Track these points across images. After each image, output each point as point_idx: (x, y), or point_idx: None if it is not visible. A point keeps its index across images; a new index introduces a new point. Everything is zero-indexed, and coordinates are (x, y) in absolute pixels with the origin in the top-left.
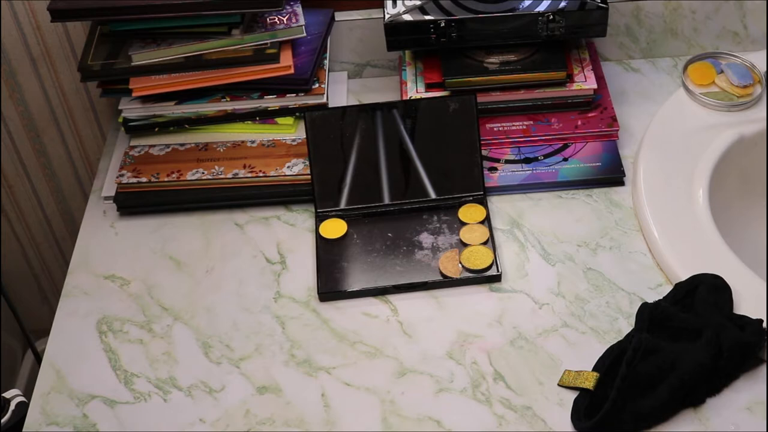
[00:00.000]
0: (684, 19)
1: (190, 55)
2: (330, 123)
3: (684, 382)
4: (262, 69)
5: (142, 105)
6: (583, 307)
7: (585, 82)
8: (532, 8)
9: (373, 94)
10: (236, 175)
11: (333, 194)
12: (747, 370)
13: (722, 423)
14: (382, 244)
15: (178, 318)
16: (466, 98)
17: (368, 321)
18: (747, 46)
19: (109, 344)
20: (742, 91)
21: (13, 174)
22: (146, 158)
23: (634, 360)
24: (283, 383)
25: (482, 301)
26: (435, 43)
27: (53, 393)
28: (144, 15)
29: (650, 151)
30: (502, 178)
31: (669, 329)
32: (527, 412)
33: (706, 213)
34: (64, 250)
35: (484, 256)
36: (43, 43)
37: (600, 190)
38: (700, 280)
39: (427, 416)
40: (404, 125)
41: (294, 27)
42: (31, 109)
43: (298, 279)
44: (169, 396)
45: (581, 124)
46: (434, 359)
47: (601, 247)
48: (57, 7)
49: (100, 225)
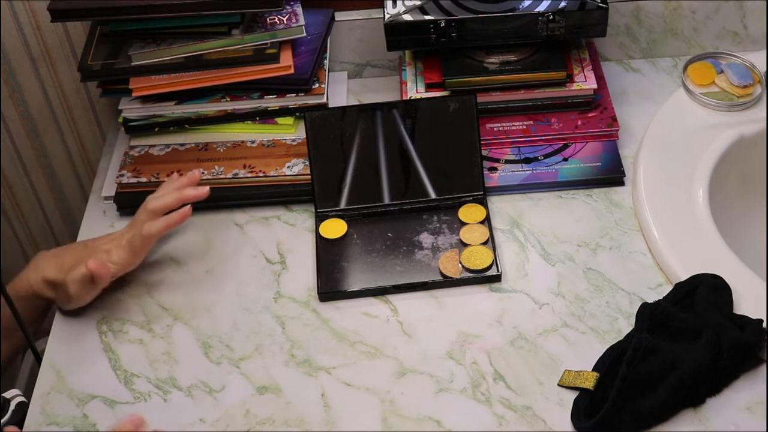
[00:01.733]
0: (684, 19)
1: (190, 55)
2: (330, 123)
3: (684, 382)
4: (262, 69)
5: (142, 105)
6: (583, 307)
7: (585, 82)
8: (532, 8)
9: (373, 94)
10: (236, 175)
11: (333, 194)
12: (747, 370)
13: (722, 423)
14: (382, 244)
15: (178, 318)
16: (466, 98)
17: (368, 321)
18: (747, 46)
19: (109, 344)
20: (742, 91)
21: (13, 174)
22: (146, 158)
23: (634, 360)
24: (283, 383)
25: (482, 301)
26: (435, 43)
27: (53, 393)
28: (144, 15)
29: (650, 151)
30: (502, 178)
31: (669, 329)
32: (527, 412)
33: (706, 213)
34: None
35: (484, 256)
36: (43, 43)
37: (600, 190)
38: (700, 280)
39: (427, 416)
40: (404, 125)
41: (294, 27)
42: (31, 109)
43: (298, 279)
44: (169, 396)
45: (581, 124)
46: (434, 359)
47: (601, 247)
48: (57, 7)
49: (100, 225)
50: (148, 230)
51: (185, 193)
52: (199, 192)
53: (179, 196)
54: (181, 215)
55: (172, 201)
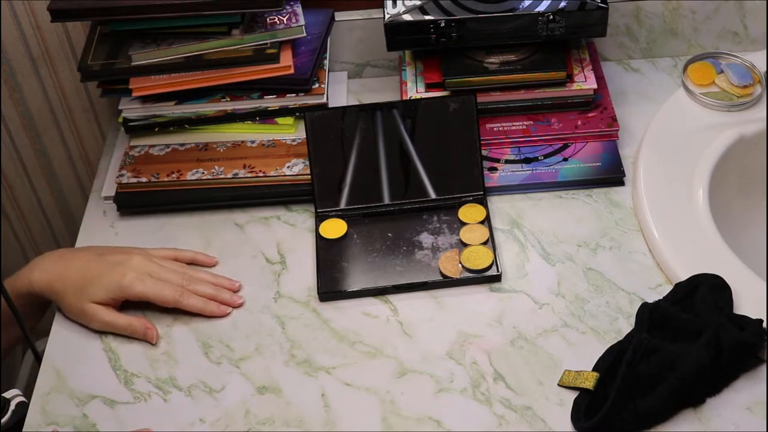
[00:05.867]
0: (684, 19)
1: (190, 55)
2: (330, 123)
3: (684, 382)
4: (262, 69)
5: (142, 105)
6: (583, 307)
7: (585, 82)
8: (532, 8)
9: (373, 94)
10: (236, 175)
11: (333, 194)
12: (747, 370)
13: (722, 423)
14: (382, 244)
15: (178, 318)
16: (466, 98)
17: (368, 321)
18: (747, 46)
19: (109, 344)
20: (742, 91)
21: (13, 174)
22: (146, 158)
23: (634, 360)
24: (283, 383)
25: (482, 301)
26: (435, 43)
27: (53, 393)
28: (144, 15)
29: (650, 151)
30: (502, 178)
31: (669, 329)
32: (527, 412)
33: (706, 213)
34: None
35: (484, 256)
36: (43, 43)
37: (600, 190)
38: (700, 280)
39: (427, 416)
40: (404, 125)
41: (294, 27)
42: (31, 109)
43: (298, 279)
44: (169, 396)
45: (581, 124)
46: (434, 359)
47: (601, 247)
48: (57, 7)
49: (100, 225)
50: (112, 323)
51: (221, 295)
52: (234, 300)
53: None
54: (144, 333)
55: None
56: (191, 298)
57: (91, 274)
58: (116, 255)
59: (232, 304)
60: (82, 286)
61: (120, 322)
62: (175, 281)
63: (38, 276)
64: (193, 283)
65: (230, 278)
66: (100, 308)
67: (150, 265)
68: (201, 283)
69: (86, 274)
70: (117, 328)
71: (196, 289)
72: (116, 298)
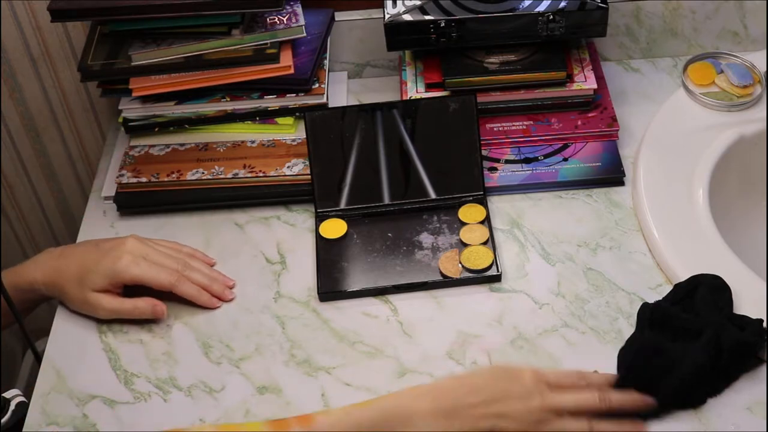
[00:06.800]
0: (684, 19)
1: (190, 55)
2: (330, 123)
3: (684, 382)
4: (262, 69)
5: (142, 105)
6: (583, 307)
7: (585, 82)
8: (532, 8)
9: (373, 94)
10: (236, 175)
11: (333, 194)
12: (747, 370)
13: (722, 423)
14: (382, 244)
15: (178, 318)
16: (466, 98)
17: (368, 321)
18: (747, 46)
19: (109, 344)
20: (742, 91)
21: (13, 174)
22: (146, 158)
23: (635, 360)
24: (283, 383)
25: (482, 301)
26: (435, 43)
27: (53, 393)
28: (144, 15)
29: (650, 151)
30: (502, 178)
31: (669, 329)
32: None
33: (706, 213)
34: None
35: (484, 256)
36: (43, 43)
37: (600, 190)
38: (700, 280)
39: None
40: (404, 125)
41: (294, 27)
42: (31, 109)
43: (298, 279)
44: (169, 396)
45: (581, 124)
46: (434, 359)
47: (601, 247)
48: (57, 7)
49: (100, 225)
50: (117, 308)
51: (213, 287)
52: (225, 294)
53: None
54: (152, 311)
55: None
56: (186, 285)
57: (88, 263)
58: (111, 242)
59: (224, 297)
60: (81, 277)
61: (125, 306)
62: (171, 266)
63: (41, 274)
64: (189, 269)
65: (225, 275)
66: (102, 296)
67: (145, 248)
68: (196, 272)
69: (84, 264)
70: (123, 313)
71: (191, 276)
72: (114, 283)
